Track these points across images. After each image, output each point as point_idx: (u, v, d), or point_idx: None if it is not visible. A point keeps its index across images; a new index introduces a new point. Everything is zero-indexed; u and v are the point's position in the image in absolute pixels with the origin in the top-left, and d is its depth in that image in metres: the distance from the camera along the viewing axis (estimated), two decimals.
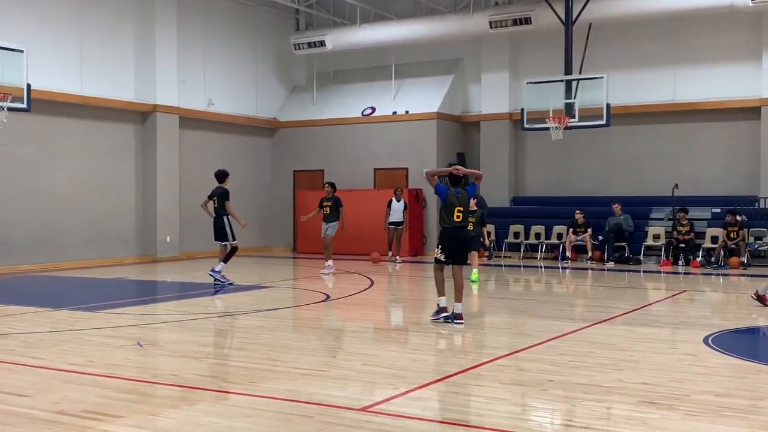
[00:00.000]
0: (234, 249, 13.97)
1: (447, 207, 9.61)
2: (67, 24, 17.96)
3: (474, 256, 14.21)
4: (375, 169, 22.18)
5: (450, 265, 9.73)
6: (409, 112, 21.77)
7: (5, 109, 13.12)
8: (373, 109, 22.40)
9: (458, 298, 9.59)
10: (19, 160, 16.94)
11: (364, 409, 5.68)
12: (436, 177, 10.04)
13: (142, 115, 19.75)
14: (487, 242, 14.42)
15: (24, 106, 13.71)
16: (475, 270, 14.35)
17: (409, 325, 10.09)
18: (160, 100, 19.66)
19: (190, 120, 20.75)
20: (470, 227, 12.25)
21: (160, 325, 10.08)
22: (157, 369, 7.39)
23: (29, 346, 8.42)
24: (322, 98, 23.59)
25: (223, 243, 13.94)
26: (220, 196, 13.86)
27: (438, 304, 9.83)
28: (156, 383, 6.65)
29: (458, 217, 9.56)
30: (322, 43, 22.31)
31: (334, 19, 22.73)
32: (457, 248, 9.63)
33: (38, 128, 17.21)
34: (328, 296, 12.65)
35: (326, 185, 16.90)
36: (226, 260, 13.85)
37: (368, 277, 15.35)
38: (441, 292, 9.81)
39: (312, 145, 23.23)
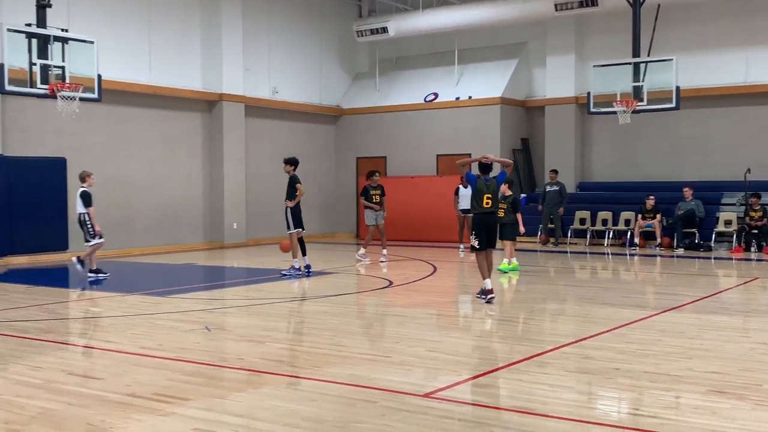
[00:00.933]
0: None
1: (477, 194, 10.19)
2: (135, 15, 18.36)
3: (508, 246, 13.76)
4: (438, 156, 22.10)
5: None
6: (472, 98, 21.61)
7: (77, 99, 13.48)
8: (436, 95, 22.31)
9: (486, 275, 10.19)
10: (91, 149, 17.42)
11: (427, 395, 5.69)
12: (466, 166, 10.75)
13: (208, 104, 20.09)
14: (522, 229, 14.01)
15: (95, 96, 14.06)
16: (513, 260, 13.79)
17: (472, 312, 10.05)
18: (226, 89, 19.97)
19: (255, 108, 21.02)
20: (501, 213, 12.74)
21: (228, 310, 10.28)
22: (224, 353, 7.54)
23: (102, 330, 8.69)
24: (385, 85, 23.60)
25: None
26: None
27: (483, 287, 10.22)
28: (223, 367, 6.79)
29: (487, 203, 10.13)
30: (384, 30, 22.30)
31: (397, 5, 22.68)
32: (488, 233, 10.21)
33: (108, 117, 17.68)
34: (390, 282, 12.69)
35: (375, 174, 16.82)
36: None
37: (432, 264, 15.34)
38: (484, 275, 10.22)
39: (375, 132, 23.28)
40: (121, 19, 18.04)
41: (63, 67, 13.42)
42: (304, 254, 13.70)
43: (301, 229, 13.67)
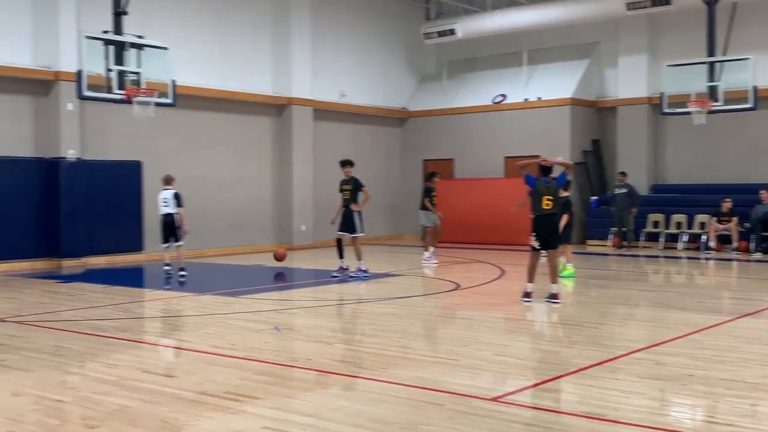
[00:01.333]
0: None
1: (536, 196, 10.29)
2: (208, 23, 18.77)
3: (566, 249, 13.30)
4: (506, 158, 21.92)
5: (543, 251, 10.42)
6: (542, 99, 21.37)
7: (152, 104, 13.83)
8: (504, 97, 22.14)
9: (553, 280, 10.29)
10: (165, 152, 17.86)
11: (495, 399, 5.65)
12: (525, 168, 10.67)
13: (278, 108, 20.38)
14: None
15: (169, 101, 14.39)
16: (569, 266, 13.36)
17: (541, 316, 9.94)
18: (295, 93, 20.23)
19: (323, 111, 21.23)
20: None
21: (296, 311, 10.40)
22: (293, 353, 7.63)
23: (176, 329, 8.89)
24: (452, 87, 23.54)
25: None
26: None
27: (525, 289, 10.44)
28: (292, 367, 6.88)
29: (547, 205, 10.20)
30: (452, 32, 22.25)
31: (465, 7, 22.60)
32: (548, 234, 10.27)
33: (182, 122, 18.10)
34: (458, 285, 12.64)
35: (436, 175, 16.79)
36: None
37: (499, 267, 15.23)
38: (529, 278, 10.43)
39: (441, 134, 23.24)
40: (195, 26, 18.47)
41: (138, 73, 13.77)
42: (341, 257, 13.57)
43: (349, 233, 13.48)
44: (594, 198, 20.88)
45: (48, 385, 6.19)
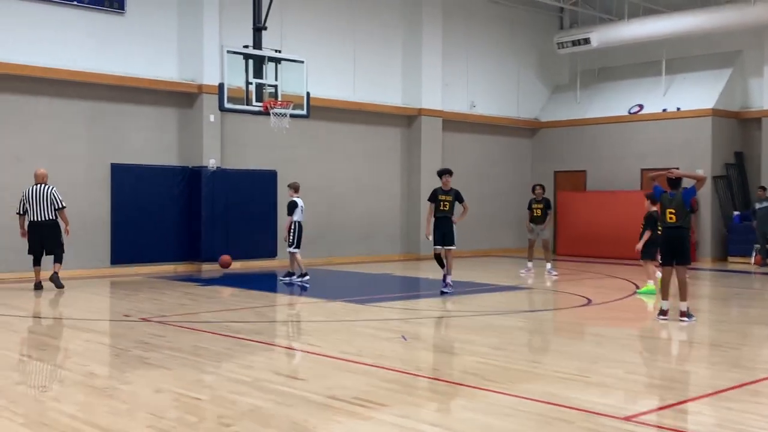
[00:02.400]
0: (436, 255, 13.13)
1: (661, 209, 10.13)
2: (341, 36, 19.23)
3: (647, 265, 12.71)
4: (642, 170, 21.21)
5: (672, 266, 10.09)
6: (681, 109, 20.56)
7: (288, 115, 14.28)
8: (641, 107, 21.45)
9: (682, 297, 9.98)
10: (299, 162, 18.41)
11: (627, 419, 5.48)
12: (656, 179, 10.66)
13: (408, 119, 20.59)
14: (637, 246, 12.82)
15: (304, 112, 14.83)
16: (649, 282, 12.79)
17: (677, 335, 9.54)
18: (425, 104, 20.38)
19: (452, 122, 21.27)
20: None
21: (423, 321, 10.45)
22: (419, 362, 7.67)
23: (306, 334, 9.13)
24: (586, 97, 23.03)
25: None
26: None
27: (660, 307, 10.20)
28: (419, 376, 6.92)
29: (671, 218, 9.97)
30: (586, 41, 21.80)
31: (600, 16, 22.09)
32: (674, 248, 10.02)
33: (315, 132, 18.60)
34: (589, 300, 12.33)
35: (537, 187, 16.47)
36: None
37: (633, 282, 14.74)
38: (663, 295, 10.19)
39: (574, 145, 22.77)
40: (329, 40, 18.97)
41: (276, 86, 14.27)
42: (442, 266, 12.96)
43: (450, 246, 12.93)
44: (736, 213, 19.87)
45: (187, 383, 6.50)
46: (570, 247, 21.55)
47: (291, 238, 14.23)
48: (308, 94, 14.79)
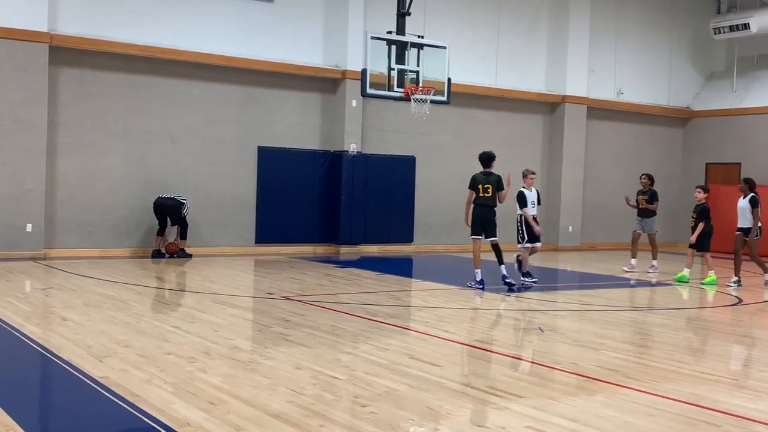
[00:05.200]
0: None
1: None
2: (486, 21, 19.02)
3: (706, 257, 13.05)
4: None
5: None
6: None
7: (428, 101, 14.29)
8: None
9: None
10: (439, 148, 18.41)
11: None
12: None
13: (550, 106, 20.14)
14: (692, 239, 13.06)
15: (444, 99, 14.78)
16: (711, 273, 13.05)
17: None
18: (569, 91, 19.86)
19: (597, 110, 20.62)
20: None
21: (561, 313, 10.23)
22: (557, 355, 7.51)
23: (441, 320, 9.14)
24: (743, 85, 21.72)
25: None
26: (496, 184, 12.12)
27: None
28: (556, 369, 6.77)
29: None
30: (746, 26, 20.54)
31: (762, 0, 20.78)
32: None
33: (455, 119, 18.53)
34: (740, 300, 11.67)
35: (643, 176, 15.36)
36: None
37: None
38: None
39: (729, 137, 21.54)
40: (472, 25, 18.81)
41: (417, 72, 14.30)
42: (500, 263, 12.12)
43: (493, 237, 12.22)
44: None
45: (325, 362, 6.65)
46: (722, 243, 20.43)
47: (521, 232, 12.46)
48: (449, 80, 14.71)
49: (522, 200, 12.44)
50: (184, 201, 14.74)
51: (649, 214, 15.15)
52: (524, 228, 12.38)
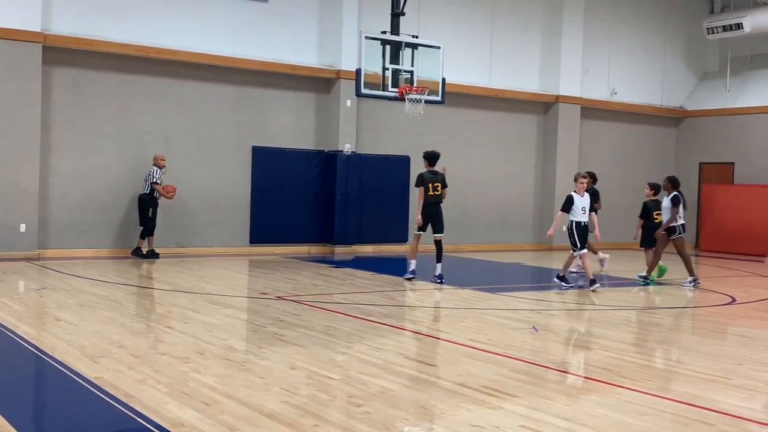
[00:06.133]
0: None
1: None
2: (480, 22, 19.05)
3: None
4: None
5: None
6: None
7: (423, 101, 14.29)
8: None
9: None
10: (434, 148, 18.19)
11: None
12: None
13: (544, 106, 20.18)
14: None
15: (438, 99, 14.78)
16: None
17: None
18: (563, 91, 19.90)
19: (591, 110, 20.67)
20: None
21: (555, 312, 10.24)
22: (551, 355, 7.52)
23: (436, 320, 9.14)
24: (737, 85, 21.79)
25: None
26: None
27: None
28: (550, 368, 6.78)
29: None
30: (739, 26, 20.60)
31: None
32: None
33: (449, 118, 18.55)
34: (733, 299, 11.71)
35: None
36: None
37: None
38: None
39: (722, 136, 21.61)
40: (466, 25, 18.83)
41: (411, 72, 14.29)
42: (438, 261, 12.20)
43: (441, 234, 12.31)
44: None
45: (319, 362, 6.64)
46: (714, 242, 20.53)
47: (571, 238, 12.12)
48: (444, 80, 14.72)
49: (566, 205, 12.05)
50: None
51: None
52: (575, 235, 12.10)
